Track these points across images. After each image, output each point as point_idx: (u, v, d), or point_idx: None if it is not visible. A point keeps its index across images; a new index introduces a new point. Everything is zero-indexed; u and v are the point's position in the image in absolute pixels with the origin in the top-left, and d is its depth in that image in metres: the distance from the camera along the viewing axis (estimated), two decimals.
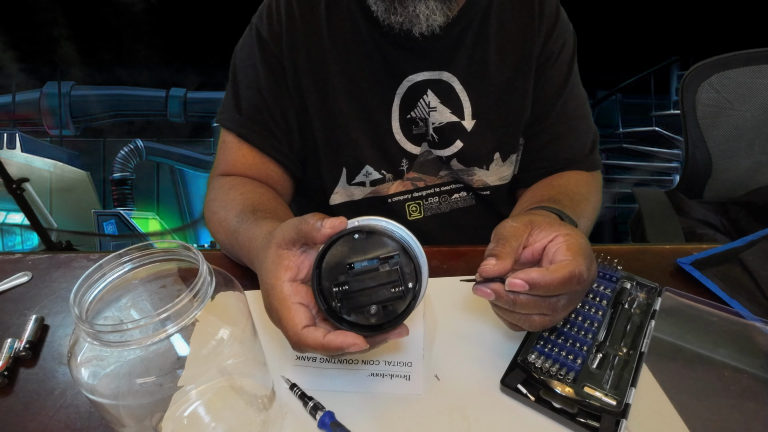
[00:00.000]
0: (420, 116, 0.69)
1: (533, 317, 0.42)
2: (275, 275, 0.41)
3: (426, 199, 0.75)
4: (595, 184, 0.71)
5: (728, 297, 0.54)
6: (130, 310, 0.36)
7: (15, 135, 4.25)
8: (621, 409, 0.41)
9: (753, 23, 2.93)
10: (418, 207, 0.76)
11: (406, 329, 0.40)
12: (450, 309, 0.55)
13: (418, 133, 0.71)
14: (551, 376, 0.44)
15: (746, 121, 1.06)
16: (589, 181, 0.70)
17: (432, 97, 0.68)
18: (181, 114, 4.55)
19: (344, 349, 0.38)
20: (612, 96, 3.80)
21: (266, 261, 0.42)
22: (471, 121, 0.70)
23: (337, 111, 0.68)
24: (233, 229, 0.57)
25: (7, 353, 0.50)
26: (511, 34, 0.67)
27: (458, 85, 0.68)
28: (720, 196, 1.14)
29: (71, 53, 4.06)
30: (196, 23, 3.86)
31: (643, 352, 0.46)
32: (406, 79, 0.67)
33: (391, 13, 0.58)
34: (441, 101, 0.68)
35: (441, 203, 0.76)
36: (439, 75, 0.67)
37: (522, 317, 0.42)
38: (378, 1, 0.58)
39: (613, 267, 0.55)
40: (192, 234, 4.78)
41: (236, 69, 0.70)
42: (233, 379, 0.40)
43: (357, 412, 0.43)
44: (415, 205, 0.75)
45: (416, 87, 0.68)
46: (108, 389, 0.31)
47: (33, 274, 0.64)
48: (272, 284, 0.41)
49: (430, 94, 0.68)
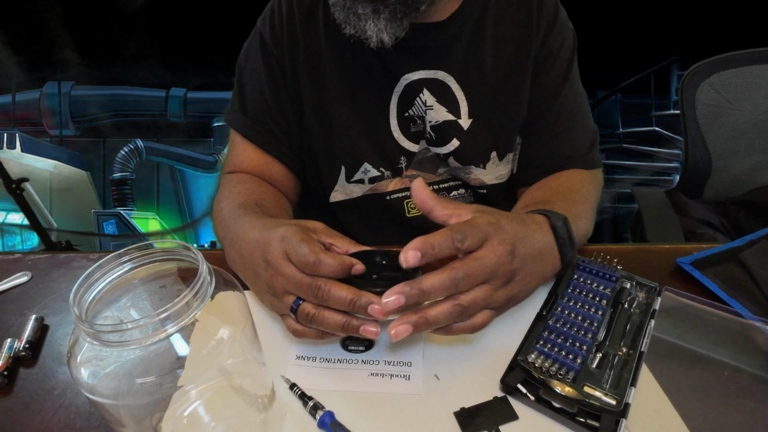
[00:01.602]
0: (417, 114, 0.70)
1: (476, 317, 0.44)
2: (274, 232, 0.47)
3: None
4: (594, 183, 0.70)
5: (728, 297, 0.54)
6: (129, 310, 0.36)
7: (15, 135, 4.25)
8: (621, 409, 0.41)
9: (753, 23, 2.93)
10: None
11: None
12: None
13: (416, 131, 0.71)
14: (551, 375, 0.44)
15: (746, 121, 1.06)
16: (588, 180, 0.70)
17: (428, 95, 0.68)
18: (181, 114, 4.55)
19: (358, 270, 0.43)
20: (612, 96, 3.80)
21: (263, 231, 0.48)
22: (467, 119, 0.70)
23: (335, 110, 0.69)
24: (229, 215, 0.59)
25: (6, 353, 0.50)
26: (508, 33, 0.67)
27: (454, 84, 0.68)
28: (720, 195, 1.14)
29: (71, 53, 4.06)
30: (196, 23, 3.86)
31: (642, 351, 0.46)
32: (403, 78, 0.67)
33: (347, 24, 0.59)
34: (437, 100, 0.69)
35: None
36: (435, 74, 0.68)
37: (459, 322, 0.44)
38: (337, 11, 0.59)
39: (613, 267, 0.55)
40: (192, 234, 4.78)
41: (242, 70, 0.72)
42: (233, 379, 0.40)
43: (357, 412, 0.43)
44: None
45: (413, 86, 0.68)
46: (108, 389, 0.31)
47: (33, 274, 0.64)
48: (269, 237, 0.47)
49: (426, 92, 0.68)
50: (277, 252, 0.45)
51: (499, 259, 0.43)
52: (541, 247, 0.49)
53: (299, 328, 0.46)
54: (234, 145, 0.73)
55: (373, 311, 0.41)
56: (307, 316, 0.44)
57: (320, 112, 0.70)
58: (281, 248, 0.45)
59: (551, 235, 0.51)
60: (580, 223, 0.59)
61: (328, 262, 0.42)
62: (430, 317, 0.41)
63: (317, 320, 0.43)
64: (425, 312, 0.41)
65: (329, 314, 0.43)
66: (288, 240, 0.45)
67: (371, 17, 0.57)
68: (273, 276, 0.45)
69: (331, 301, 0.42)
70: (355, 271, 0.43)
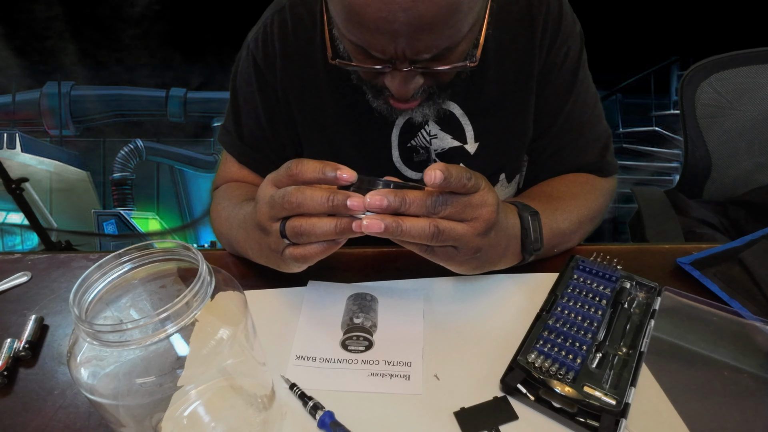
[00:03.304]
0: (421, 144, 0.69)
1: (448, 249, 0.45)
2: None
3: None
4: (600, 186, 0.68)
5: (728, 297, 0.54)
6: (129, 310, 0.36)
7: (15, 135, 4.24)
8: (620, 409, 0.41)
9: (753, 23, 2.93)
10: None
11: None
12: (450, 309, 0.55)
13: (419, 161, 0.70)
14: (551, 375, 0.44)
15: (746, 121, 1.06)
16: (588, 181, 0.68)
17: (432, 125, 0.67)
18: (181, 114, 4.55)
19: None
20: (612, 96, 3.80)
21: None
22: (474, 144, 0.69)
23: (335, 141, 0.69)
24: (232, 208, 0.60)
25: (6, 353, 0.50)
26: (510, 53, 0.65)
27: (458, 110, 0.67)
28: (719, 195, 1.14)
29: (71, 53, 4.06)
30: (196, 23, 3.85)
31: (642, 351, 0.46)
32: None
33: (393, 114, 0.61)
34: (441, 128, 0.68)
35: None
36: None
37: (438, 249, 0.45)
38: (380, 107, 0.60)
39: (613, 266, 0.55)
40: (192, 234, 4.77)
41: (237, 92, 0.71)
42: (233, 379, 0.40)
43: (357, 412, 0.43)
44: None
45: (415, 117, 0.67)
46: (107, 389, 0.31)
47: (32, 274, 0.64)
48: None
49: (431, 122, 0.67)
50: (262, 187, 0.46)
51: (486, 205, 0.44)
52: (505, 224, 0.50)
53: (299, 251, 0.45)
54: (228, 164, 0.73)
55: (353, 204, 0.40)
56: (296, 230, 0.43)
57: (318, 140, 0.69)
58: (265, 182, 0.46)
59: (517, 221, 0.53)
60: (560, 216, 0.59)
61: (308, 163, 0.42)
62: (403, 225, 0.41)
63: (307, 230, 0.42)
64: (402, 218, 0.41)
65: (317, 220, 0.42)
66: (273, 173, 0.45)
67: (418, 110, 0.59)
68: (257, 211, 0.46)
69: (308, 204, 0.42)
70: (341, 180, 0.42)
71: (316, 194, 0.41)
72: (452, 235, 0.43)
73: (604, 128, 0.71)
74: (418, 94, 0.54)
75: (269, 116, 0.69)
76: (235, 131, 0.71)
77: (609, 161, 0.70)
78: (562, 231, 0.59)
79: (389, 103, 0.57)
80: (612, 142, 0.71)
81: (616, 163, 0.71)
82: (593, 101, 0.70)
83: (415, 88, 0.52)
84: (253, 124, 0.70)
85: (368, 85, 0.58)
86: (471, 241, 0.44)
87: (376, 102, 0.59)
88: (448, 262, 0.46)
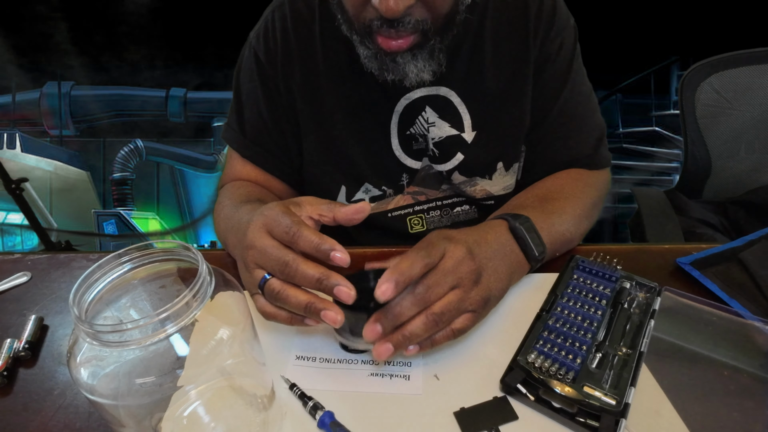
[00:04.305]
0: (419, 132, 0.69)
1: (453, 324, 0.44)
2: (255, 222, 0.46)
3: (427, 213, 0.75)
4: (592, 181, 0.68)
5: (728, 297, 0.54)
6: (129, 310, 0.36)
7: (15, 135, 4.25)
8: (620, 409, 0.41)
9: (753, 23, 2.93)
10: (420, 220, 0.75)
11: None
12: None
13: (418, 149, 0.70)
14: (551, 375, 0.44)
15: (746, 121, 1.06)
16: (580, 178, 0.68)
17: (430, 112, 0.68)
18: (181, 114, 4.55)
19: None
20: (612, 96, 3.80)
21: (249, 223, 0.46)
22: (471, 132, 0.69)
23: (335, 131, 0.69)
24: (232, 209, 0.60)
25: (6, 353, 0.50)
26: (507, 42, 0.66)
27: (456, 98, 0.67)
28: (719, 195, 1.14)
29: (71, 53, 4.06)
30: (196, 23, 3.86)
31: (642, 351, 0.46)
32: (404, 97, 0.67)
33: (384, 71, 0.59)
34: (439, 116, 0.68)
35: (442, 216, 0.76)
36: (437, 90, 0.67)
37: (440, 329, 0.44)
38: (372, 62, 0.59)
39: (613, 267, 0.55)
40: (192, 234, 4.78)
41: (239, 88, 0.72)
42: (233, 379, 0.40)
43: (357, 412, 0.43)
44: (417, 219, 0.75)
45: (414, 104, 0.67)
46: (107, 389, 0.31)
47: (32, 274, 0.64)
48: (255, 214, 0.46)
49: (429, 110, 0.67)
50: (257, 225, 0.45)
51: (457, 261, 0.44)
52: (497, 247, 0.50)
53: (268, 309, 0.45)
54: (232, 161, 0.74)
55: (339, 293, 0.40)
56: (272, 292, 0.43)
57: (318, 132, 0.69)
58: (262, 221, 0.45)
59: (509, 235, 0.52)
60: (557, 219, 0.58)
61: (307, 235, 0.42)
62: (407, 332, 0.42)
63: (282, 297, 0.42)
64: (402, 329, 0.42)
65: (294, 292, 0.42)
66: (270, 211, 0.45)
67: (411, 61, 0.57)
68: (247, 249, 0.45)
69: (299, 277, 0.41)
70: (334, 260, 0.41)
71: (310, 270, 0.41)
72: (451, 308, 0.43)
73: (599, 121, 0.72)
74: (409, 25, 0.52)
75: (271, 110, 0.70)
76: (238, 127, 0.72)
77: (602, 154, 0.71)
78: (560, 234, 0.59)
79: (380, 48, 0.55)
80: (606, 135, 0.72)
81: (609, 156, 0.72)
82: (587, 94, 0.71)
83: (406, 4, 0.49)
84: (256, 119, 0.70)
85: (357, 28, 0.56)
86: (470, 298, 0.44)
87: (366, 52, 0.57)
88: (471, 324, 0.45)
